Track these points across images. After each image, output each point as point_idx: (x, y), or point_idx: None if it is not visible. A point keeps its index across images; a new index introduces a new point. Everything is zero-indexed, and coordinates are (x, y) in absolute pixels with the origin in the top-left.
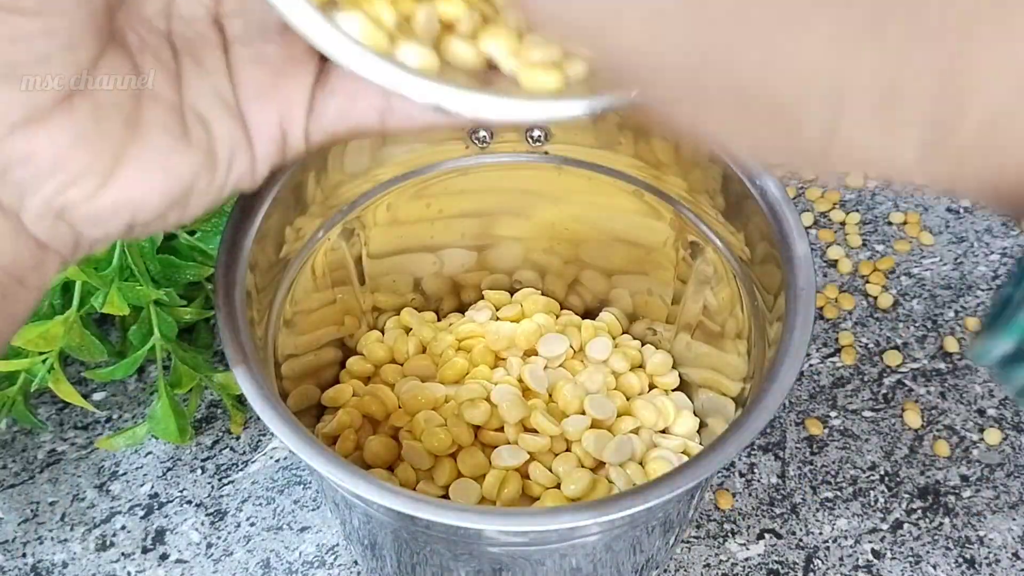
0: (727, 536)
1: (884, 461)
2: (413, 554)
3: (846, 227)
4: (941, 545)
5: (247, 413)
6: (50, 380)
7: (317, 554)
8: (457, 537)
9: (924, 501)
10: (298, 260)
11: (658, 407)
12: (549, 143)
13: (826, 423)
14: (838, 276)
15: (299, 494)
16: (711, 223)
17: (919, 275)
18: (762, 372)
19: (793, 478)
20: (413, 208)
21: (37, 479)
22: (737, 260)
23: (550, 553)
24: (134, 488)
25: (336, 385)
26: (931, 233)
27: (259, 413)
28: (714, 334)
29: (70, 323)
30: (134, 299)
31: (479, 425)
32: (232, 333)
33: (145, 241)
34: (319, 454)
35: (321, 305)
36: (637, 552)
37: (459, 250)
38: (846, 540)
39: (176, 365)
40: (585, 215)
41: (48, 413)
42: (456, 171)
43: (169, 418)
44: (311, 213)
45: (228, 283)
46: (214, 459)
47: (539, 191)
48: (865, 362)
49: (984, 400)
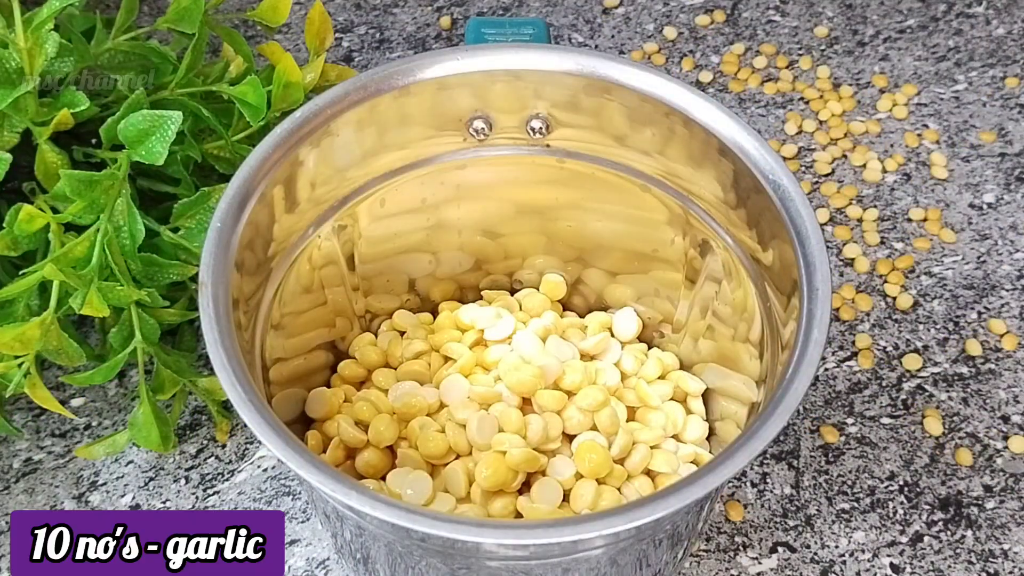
0: (738, 550)
1: (903, 470)
2: (408, 569)
3: (863, 224)
4: (963, 559)
5: (233, 420)
6: (26, 385)
7: (307, 569)
8: (454, 551)
9: (945, 512)
10: (287, 259)
11: (667, 413)
12: (550, 135)
13: (842, 430)
14: (855, 275)
15: (288, 505)
16: (721, 220)
17: (940, 274)
18: (775, 377)
19: (808, 488)
20: (408, 204)
21: (12, 489)
22: (749, 259)
23: (552, 568)
24: (115, 499)
25: (323, 388)
26: (953, 230)
27: (246, 420)
28: (725, 337)
29: (47, 325)
30: (114, 300)
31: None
32: (217, 336)
33: (126, 239)
34: (309, 463)
35: (311, 306)
36: (643, 566)
37: (456, 247)
38: (863, 554)
39: (159, 369)
40: (588, 211)
41: (24, 420)
42: (453, 165)
43: (151, 425)
44: (301, 210)
45: (213, 283)
46: (199, 468)
47: (540, 186)
48: (883, 366)
49: (1008, 406)
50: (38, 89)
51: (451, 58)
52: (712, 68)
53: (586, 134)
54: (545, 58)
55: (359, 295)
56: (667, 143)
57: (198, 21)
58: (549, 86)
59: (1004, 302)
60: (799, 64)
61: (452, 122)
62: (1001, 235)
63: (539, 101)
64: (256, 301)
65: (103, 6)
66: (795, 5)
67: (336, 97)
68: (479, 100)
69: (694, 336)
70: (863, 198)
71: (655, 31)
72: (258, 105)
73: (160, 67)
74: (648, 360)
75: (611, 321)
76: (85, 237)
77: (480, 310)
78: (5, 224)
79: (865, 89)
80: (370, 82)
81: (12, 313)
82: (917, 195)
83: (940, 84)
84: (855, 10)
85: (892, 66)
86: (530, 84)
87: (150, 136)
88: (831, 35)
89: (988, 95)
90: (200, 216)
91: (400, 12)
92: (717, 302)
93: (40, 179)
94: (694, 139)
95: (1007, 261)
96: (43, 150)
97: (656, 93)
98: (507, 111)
